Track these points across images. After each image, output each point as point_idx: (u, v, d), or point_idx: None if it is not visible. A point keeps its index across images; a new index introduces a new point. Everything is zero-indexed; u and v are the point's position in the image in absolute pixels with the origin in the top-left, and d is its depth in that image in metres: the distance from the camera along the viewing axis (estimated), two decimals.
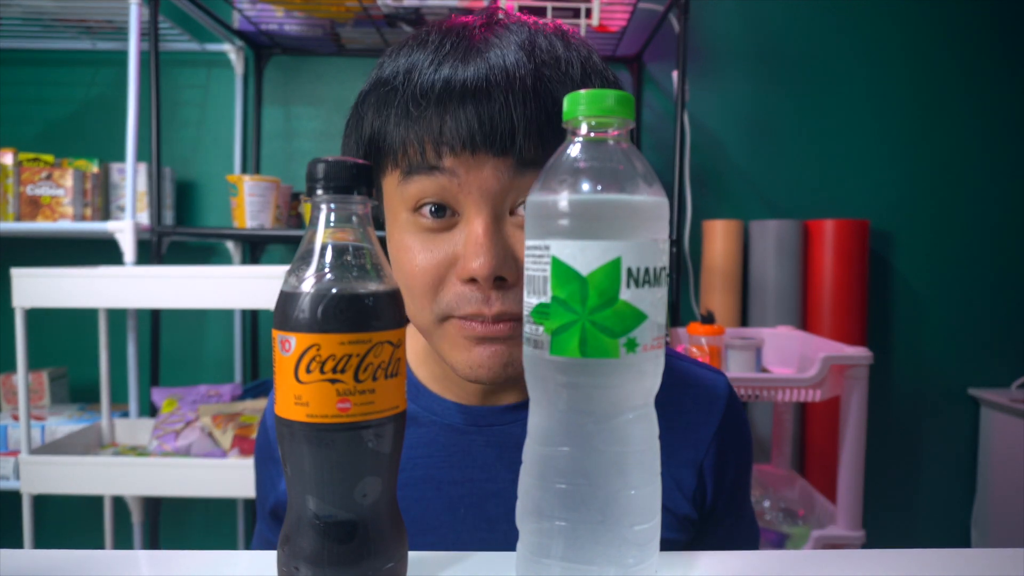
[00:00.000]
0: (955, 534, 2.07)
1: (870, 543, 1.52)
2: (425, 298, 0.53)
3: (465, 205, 0.51)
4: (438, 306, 0.53)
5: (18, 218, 1.66)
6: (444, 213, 0.52)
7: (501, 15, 0.56)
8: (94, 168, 1.74)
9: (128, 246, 1.57)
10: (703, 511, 0.63)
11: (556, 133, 0.49)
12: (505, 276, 0.50)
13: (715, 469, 0.62)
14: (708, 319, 1.52)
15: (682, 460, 0.61)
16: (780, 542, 1.45)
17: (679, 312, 1.82)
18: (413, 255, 0.53)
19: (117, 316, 1.85)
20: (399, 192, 0.53)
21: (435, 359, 0.64)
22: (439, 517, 0.61)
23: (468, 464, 0.61)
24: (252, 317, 2.06)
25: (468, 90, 0.49)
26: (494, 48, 0.51)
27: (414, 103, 0.51)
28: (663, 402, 0.46)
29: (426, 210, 0.52)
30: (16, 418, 1.71)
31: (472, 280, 0.50)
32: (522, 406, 0.62)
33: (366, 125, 0.55)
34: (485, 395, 0.63)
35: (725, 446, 0.63)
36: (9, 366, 1.90)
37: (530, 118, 0.49)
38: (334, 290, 0.37)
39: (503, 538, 0.59)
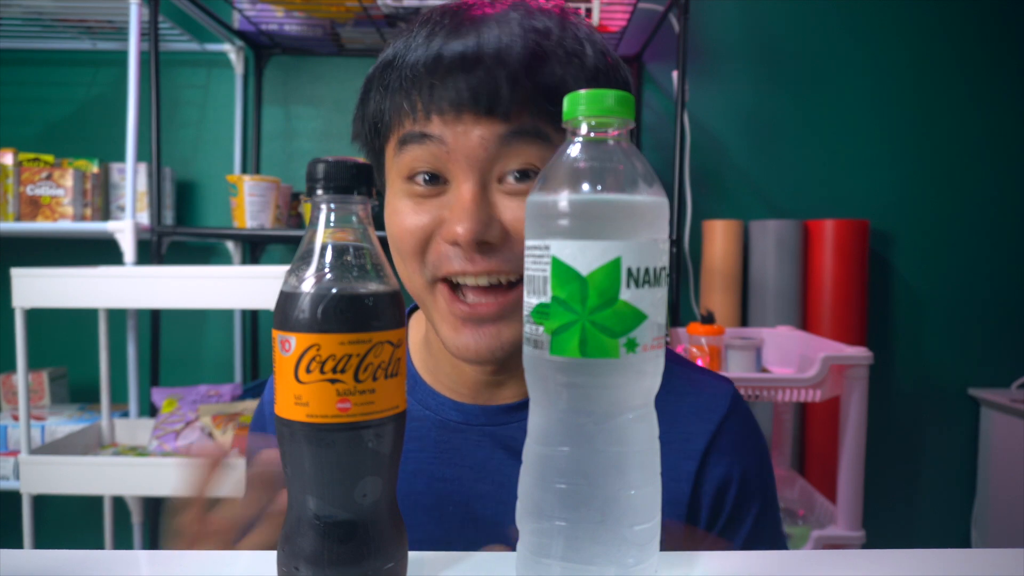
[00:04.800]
0: (955, 534, 2.07)
1: (870, 543, 1.52)
2: (414, 260, 0.55)
3: (454, 172, 0.52)
4: (426, 268, 0.54)
5: (18, 218, 1.66)
6: (436, 181, 0.53)
7: None
8: (94, 168, 1.74)
9: (128, 246, 1.57)
10: (698, 516, 0.60)
11: (546, 101, 0.50)
12: (489, 240, 0.52)
13: (711, 481, 0.60)
14: (708, 319, 1.52)
15: (676, 474, 0.59)
16: None
17: (679, 312, 1.82)
18: (403, 218, 0.54)
19: (117, 316, 1.85)
20: (395, 162, 0.55)
21: (428, 348, 0.64)
22: (427, 513, 0.61)
23: (459, 462, 0.61)
24: (252, 317, 2.06)
25: (458, 57, 0.50)
26: (488, 23, 0.52)
27: (409, 72, 0.52)
28: (664, 406, 0.44)
29: (419, 178, 0.54)
30: (16, 418, 1.71)
31: (456, 243, 0.52)
32: (518, 407, 0.61)
33: (370, 104, 0.57)
34: (481, 393, 0.62)
35: (722, 457, 0.60)
36: (9, 366, 1.90)
37: (517, 80, 0.50)
38: (334, 290, 0.37)
39: (489, 538, 0.58)
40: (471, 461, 0.61)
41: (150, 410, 1.71)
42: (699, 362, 1.42)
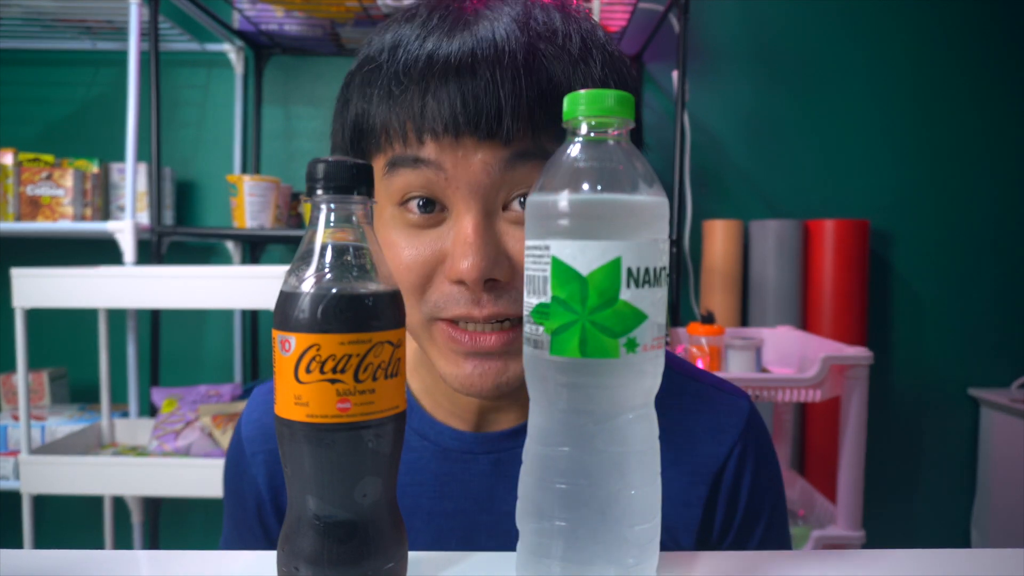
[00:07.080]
0: (955, 534, 2.07)
1: (870, 543, 1.52)
2: (412, 297, 0.49)
3: (453, 200, 0.47)
4: (426, 306, 0.49)
5: (18, 218, 1.66)
6: (432, 208, 0.48)
7: None
8: (94, 168, 1.74)
9: (128, 246, 1.57)
10: (709, 539, 0.58)
11: (551, 118, 0.45)
12: (497, 277, 0.46)
13: (725, 495, 0.57)
14: (708, 319, 1.52)
15: (687, 499, 0.56)
16: None
17: (679, 312, 1.82)
18: (399, 251, 0.49)
19: (117, 316, 1.85)
20: (384, 184, 0.49)
21: (426, 368, 0.59)
22: (426, 549, 0.59)
23: (460, 494, 0.57)
24: (252, 317, 2.06)
25: (451, 66, 0.45)
26: (484, 20, 0.47)
27: (395, 81, 0.47)
28: (674, 426, 0.43)
29: (413, 204, 0.48)
30: (16, 418, 1.71)
31: (461, 281, 0.47)
32: (521, 431, 0.57)
33: (351, 107, 0.51)
34: (481, 419, 0.58)
35: (741, 472, 0.58)
36: (9, 366, 1.90)
37: (519, 96, 0.45)
38: (334, 290, 0.37)
39: None
40: (473, 492, 0.57)
41: (150, 410, 1.71)
42: (699, 362, 1.42)
